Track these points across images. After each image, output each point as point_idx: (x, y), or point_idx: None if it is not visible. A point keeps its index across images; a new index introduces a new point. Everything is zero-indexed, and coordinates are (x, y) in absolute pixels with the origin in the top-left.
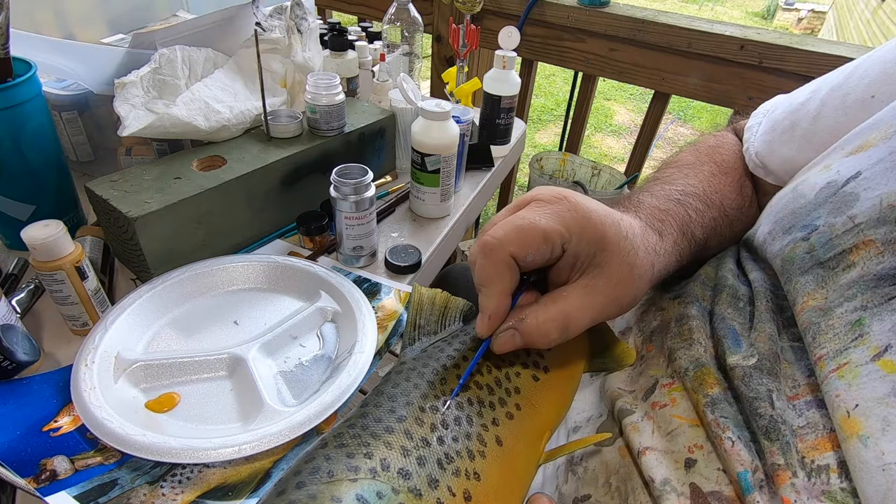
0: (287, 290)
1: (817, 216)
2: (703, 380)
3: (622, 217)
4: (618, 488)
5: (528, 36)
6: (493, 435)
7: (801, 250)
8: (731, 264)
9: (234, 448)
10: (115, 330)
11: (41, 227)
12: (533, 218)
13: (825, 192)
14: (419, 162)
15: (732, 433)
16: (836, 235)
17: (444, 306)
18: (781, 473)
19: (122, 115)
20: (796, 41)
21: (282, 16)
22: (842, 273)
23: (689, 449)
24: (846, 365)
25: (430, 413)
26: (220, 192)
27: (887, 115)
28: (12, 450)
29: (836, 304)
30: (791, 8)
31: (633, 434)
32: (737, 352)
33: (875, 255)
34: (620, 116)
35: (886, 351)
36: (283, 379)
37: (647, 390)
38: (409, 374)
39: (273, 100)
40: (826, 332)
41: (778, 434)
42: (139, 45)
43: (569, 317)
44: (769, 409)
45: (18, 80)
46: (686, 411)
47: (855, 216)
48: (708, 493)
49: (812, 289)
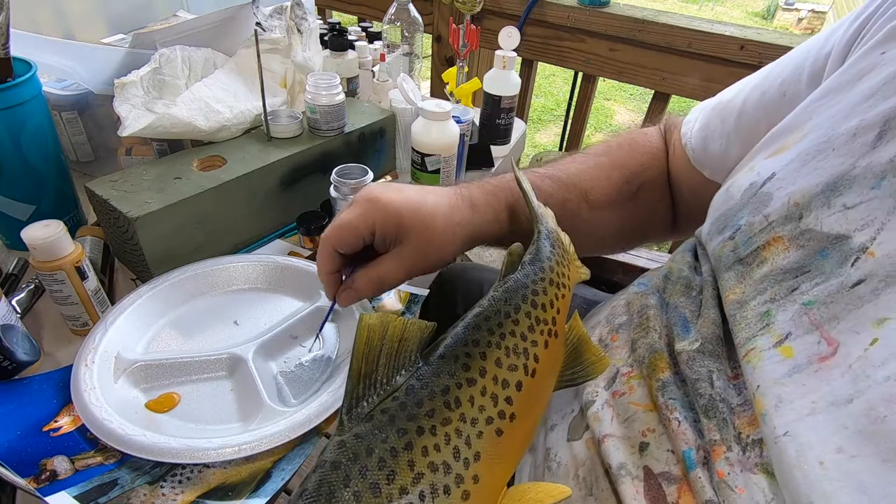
0: (287, 291)
1: (741, 216)
2: (655, 365)
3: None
4: (584, 479)
5: (528, 36)
6: None
7: (727, 249)
8: (688, 257)
9: (234, 448)
10: (116, 330)
11: (41, 227)
12: (348, 218)
13: (748, 192)
14: (419, 162)
15: (679, 414)
16: (753, 234)
17: (398, 339)
18: (717, 448)
19: (122, 115)
20: (796, 41)
21: (282, 16)
22: (756, 268)
23: (643, 433)
24: (752, 350)
25: None
26: (220, 192)
27: (798, 119)
28: (12, 450)
29: (751, 298)
30: (791, 8)
31: (594, 424)
32: (685, 338)
33: (782, 251)
34: (620, 116)
35: (787, 338)
36: (283, 379)
37: (609, 379)
38: (349, 471)
39: (273, 100)
40: (741, 322)
41: (716, 412)
42: (139, 45)
43: (382, 273)
44: (709, 388)
45: (18, 80)
46: (642, 398)
47: (769, 215)
48: (658, 473)
49: (733, 283)
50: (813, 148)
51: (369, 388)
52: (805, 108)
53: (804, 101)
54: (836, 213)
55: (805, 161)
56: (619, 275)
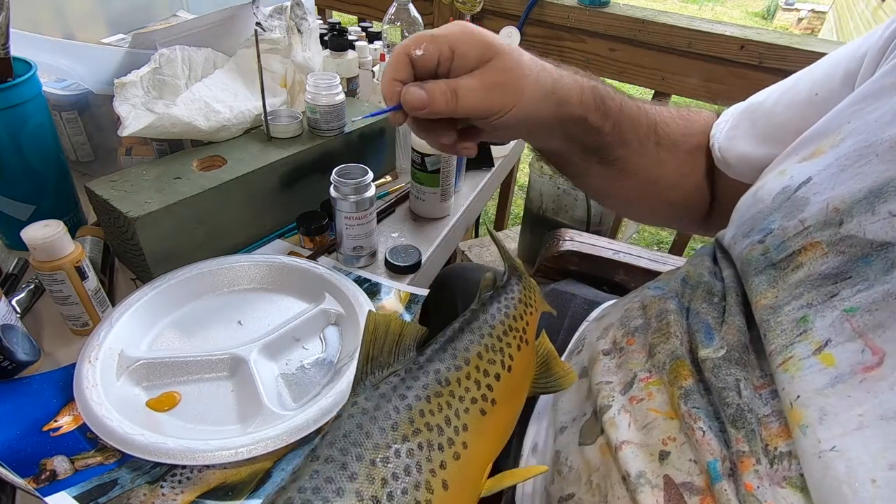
0: (291, 291)
1: (772, 220)
2: (678, 372)
3: None
4: (598, 485)
5: (528, 36)
6: (441, 479)
7: (757, 252)
8: (707, 262)
9: (232, 451)
10: (120, 327)
11: (41, 227)
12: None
13: (780, 197)
14: (419, 162)
15: (704, 423)
16: (787, 238)
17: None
18: (746, 460)
19: (122, 115)
20: (796, 41)
21: (282, 16)
22: (791, 273)
23: (664, 441)
24: (791, 359)
25: (382, 466)
26: (220, 192)
27: (834, 123)
28: (12, 450)
29: (785, 303)
30: (791, 8)
31: (610, 429)
32: (709, 345)
33: (820, 256)
34: None
35: (826, 345)
36: (284, 381)
37: (626, 384)
38: (361, 420)
39: (273, 100)
40: (775, 328)
41: (744, 422)
42: (139, 45)
43: (459, 85)
44: (736, 397)
45: (18, 80)
46: (662, 405)
47: (805, 219)
48: (680, 483)
49: (765, 288)
50: (853, 153)
51: (375, 367)
52: (841, 111)
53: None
54: (882, 220)
55: (844, 166)
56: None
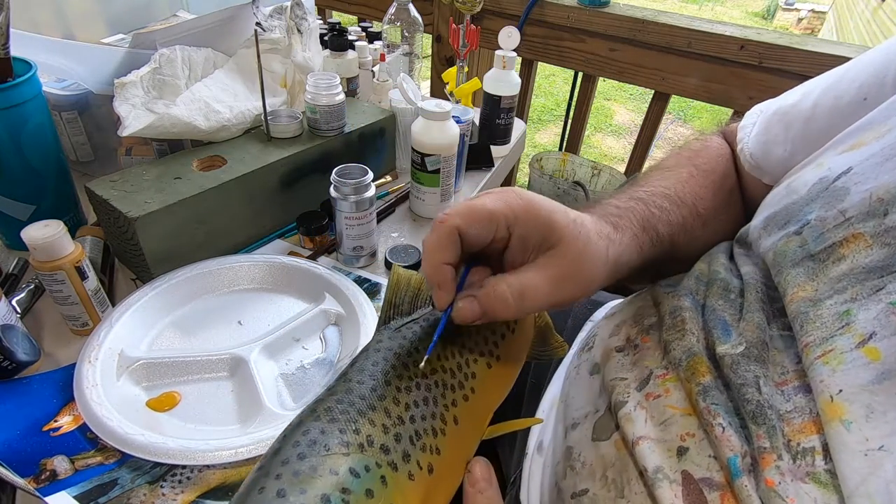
0: (291, 291)
1: (809, 211)
2: (695, 369)
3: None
4: (614, 481)
5: (528, 36)
6: (452, 415)
7: (793, 244)
8: (723, 259)
9: (232, 451)
10: (120, 327)
11: (41, 227)
12: (482, 199)
13: (817, 187)
14: (419, 162)
15: (723, 419)
16: (827, 229)
17: (418, 288)
18: (767, 456)
19: (122, 115)
20: (796, 41)
21: (282, 16)
22: (832, 266)
23: (682, 437)
24: (831, 351)
25: (405, 393)
26: (220, 192)
27: (880, 116)
28: (12, 449)
29: (826, 296)
30: (791, 8)
31: (627, 425)
32: (726, 341)
33: (864, 248)
34: (620, 116)
35: (871, 338)
36: (284, 381)
37: (642, 381)
38: (386, 354)
39: (273, 100)
40: (814, 321)
41: (764, 418)
42: (139, 45)
43: (525, 286)
44: (756, 394)
45: (18, 80)
46: (679, 401)
47: (846, 210)
48: (699, 479)
49: (803, 280)
50: None
51: (397, 314)
52: (887, 107)
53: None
54: None
55: (888, 157)
56: None
